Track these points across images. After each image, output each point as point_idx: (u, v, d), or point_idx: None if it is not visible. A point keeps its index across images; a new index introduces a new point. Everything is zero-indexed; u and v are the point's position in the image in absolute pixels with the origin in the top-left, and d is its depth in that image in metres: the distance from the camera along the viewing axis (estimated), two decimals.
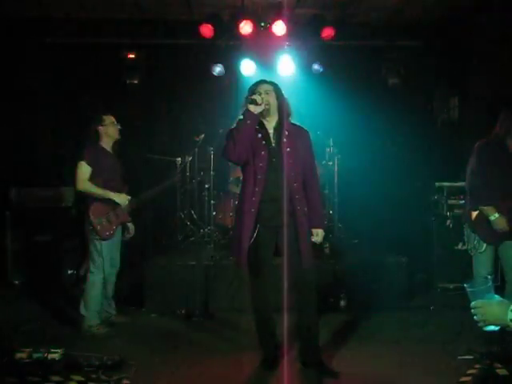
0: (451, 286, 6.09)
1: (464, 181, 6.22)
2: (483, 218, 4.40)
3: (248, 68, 7.06)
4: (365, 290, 5.61)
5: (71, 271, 6.48)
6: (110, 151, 4.98)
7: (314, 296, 3.98)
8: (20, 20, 6.77)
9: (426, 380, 3.91)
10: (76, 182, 4.78)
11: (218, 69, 7.08)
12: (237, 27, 6.69)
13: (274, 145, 3.89)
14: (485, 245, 4.49)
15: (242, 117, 3.78)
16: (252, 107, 3.74)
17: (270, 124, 3.95)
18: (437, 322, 5.22)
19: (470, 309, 5.18)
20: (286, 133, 3.88)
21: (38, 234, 6.42)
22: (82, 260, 6.12)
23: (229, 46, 7.06)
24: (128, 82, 6.94)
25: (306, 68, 7.14)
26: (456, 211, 6.16)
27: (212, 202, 6.51)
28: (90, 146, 4.86)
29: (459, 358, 4.27)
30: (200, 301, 5.44)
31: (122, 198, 4.88)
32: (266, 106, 3.84)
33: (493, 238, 4.44)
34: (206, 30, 6.73)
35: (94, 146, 4.88)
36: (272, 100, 3.88)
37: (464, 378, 3.82)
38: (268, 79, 4.06)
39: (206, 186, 6.58)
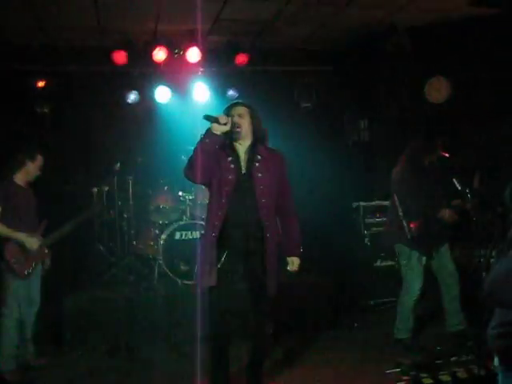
0: (372, 303, 6.27)
1: (378, 200, 6.55)
2: (422, 229, 4.69)
3: (163, 95, 6.99)
4: (291, 311, 5.65)
5: None
6: (24, 187, 4.73)
7: (267, 323, 3.96)
8: None
9: None
10: None
11: (132, 96, 6.95)
12: (150, 54, 6.64)
13: (244, 169, 3.75)
14: (425, 258, 4.82)
15: (202, 135, 3.64)
16: (215, 126, 3.59)
17: (243, 147, 3.81)
18: (361, 338, 5.35)
19: (390, 323, 5.37)
20: (259, 157, 3.77)
21: None
22: None
23: (143, 73, 6.98)
24: (38, 110, 6.66)
25: (220, 94, 7.17)
26: (373, 229, 6.39)
27: (132, 231, 6.37)
28: (1, 183, 4.60)
29: (387, 371, 4.39)
30: (123, 335, 5.25)
31: (31, 241, 4.58)
32: (238, 129, 3.71)
33: (429, 248, 4.82)
34: (119, 57, 6.62)
35: (6, 183, 4.61)
36: (245, 123, 3.76)
37: None
38: (242, 101, 3.93)
39: (125, 215, 6.42)
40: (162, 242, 5.93)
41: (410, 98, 6.95)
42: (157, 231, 6.22)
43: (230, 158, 3.75)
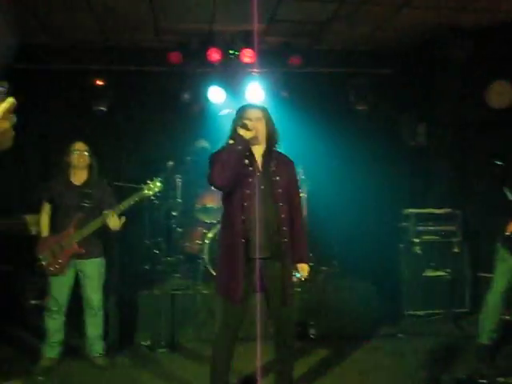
0: (419, 313, 6.08)
1: (432, 207, 6.35)
2: None
3: (216, 95, 7.04)
4: (334, 318, 5.58)
5: (35, 301, 6.29)
6: (78, 184, 4.75)
7: (293, 331, 3.85)
8: None
9: None
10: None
11: (186, 96, 7.04)
12: (205, 54, 6.70)
13: (261, 173, 3.68)
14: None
15: (232, 141, 3.58)
16: (243, 132, 3.53)
17: (258, 151, 3.73)
18: (405, 349, 5.19)
19: (438, 335, 5.17)
20: (275, 161, 3.71)
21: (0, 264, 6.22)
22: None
23: (197, 73, 7.04)
24: (95, 108, 6.85)
25: (274, 95, 7.13)
26: (425, 238, 6.19)
27: (179, 229, 6.44)
28: (52, 181, 4.80)
29: None
30: (166, 331, 5.32)
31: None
32: (256, 133, 3.63)
33: None
34: (175, 57, 6.72)
35: (59, 181, 4.76)
36: (261, 127, 3.69)
37: None
38: (257, 104, 3.87)
39: (174, 213, 6.50)
40: (207, 241, 5.96)
41: (470, 103, 6.69)
42: (204, 230, 6.26)
43: (247, 161, 3.67)
